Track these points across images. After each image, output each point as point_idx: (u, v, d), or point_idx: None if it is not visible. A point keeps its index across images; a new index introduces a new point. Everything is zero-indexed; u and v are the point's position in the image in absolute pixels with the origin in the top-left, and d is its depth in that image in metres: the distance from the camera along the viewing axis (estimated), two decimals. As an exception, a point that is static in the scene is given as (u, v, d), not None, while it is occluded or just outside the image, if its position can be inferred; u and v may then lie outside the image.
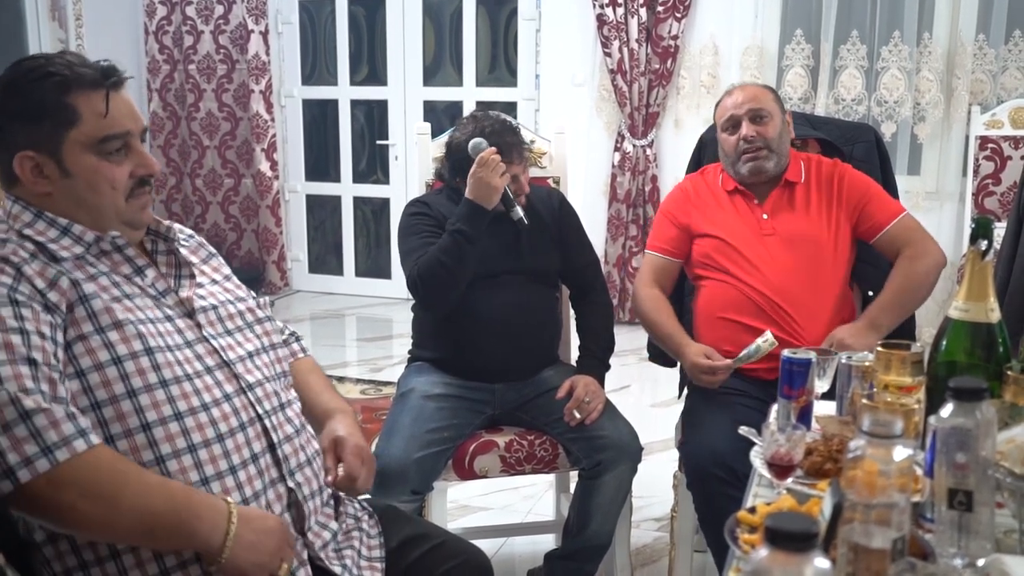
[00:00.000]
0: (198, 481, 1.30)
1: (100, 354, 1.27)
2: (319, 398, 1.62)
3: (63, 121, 1.31)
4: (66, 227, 1.34)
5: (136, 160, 1.37)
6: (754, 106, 2.26)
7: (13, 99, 1.32)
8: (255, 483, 1.36)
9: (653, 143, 5.02)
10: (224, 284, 1.53)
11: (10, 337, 1.20)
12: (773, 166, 2.27)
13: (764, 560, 0.75)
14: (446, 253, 2.12)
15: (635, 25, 4.83)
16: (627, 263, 5.10)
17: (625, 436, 2.16)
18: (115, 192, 1.36)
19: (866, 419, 1.01)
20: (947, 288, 4.50)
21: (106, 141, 1.33)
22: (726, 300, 2.23)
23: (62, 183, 1.33)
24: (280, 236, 5.89)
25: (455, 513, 2.87)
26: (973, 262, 1.37)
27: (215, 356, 1.39)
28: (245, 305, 1.51)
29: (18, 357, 1.19)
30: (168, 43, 5.80)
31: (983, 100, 4.40)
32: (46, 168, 1.33)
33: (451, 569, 1.54)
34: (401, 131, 5.71)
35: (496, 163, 2.13)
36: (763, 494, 1.39)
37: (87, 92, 1.33)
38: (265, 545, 1.29)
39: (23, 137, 1.32)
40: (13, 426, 1.16)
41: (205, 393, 1.34)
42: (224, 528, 1.26)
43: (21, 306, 1.23)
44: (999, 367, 1.35)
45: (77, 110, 1.32)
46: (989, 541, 1.09)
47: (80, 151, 1.33)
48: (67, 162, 1.33)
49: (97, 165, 1.34)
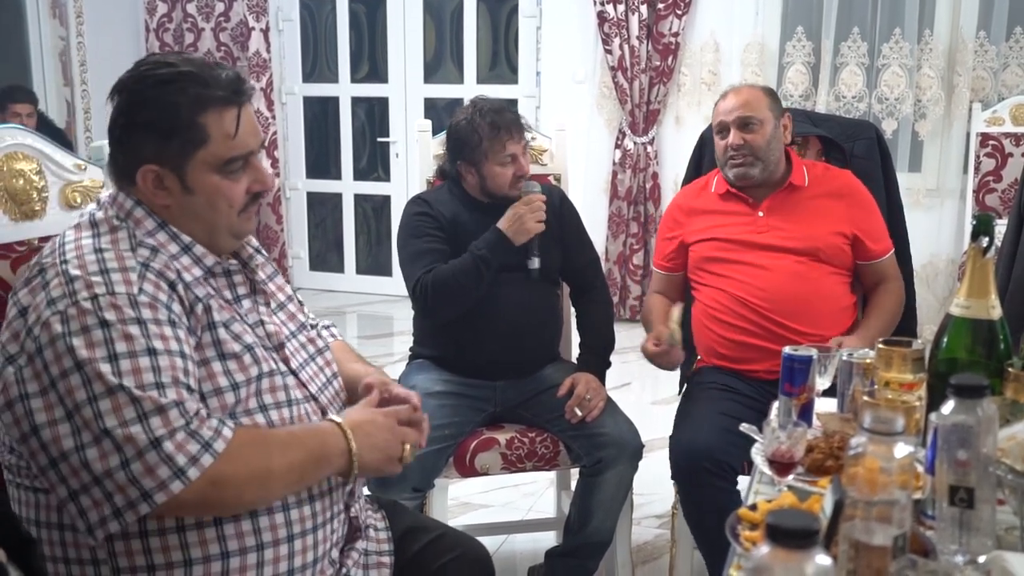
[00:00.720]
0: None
1: (220, 379, 1.29)
2: (350, 367, 1.63)
3: (193, 141, 1.30)
4: (188, 245, 1.34)
5: (253, 176, 1.37)
6: (743, 113, 2.26)
7: (145, 110, 1.30)
8: (326, 512, 1.38)
9: (654, 140, 5.01)
10: (288, 308, 1.52)
11: (174, 360, 1.22)
12: (759, 172, 2.27)
13: (765, 557, 0.75)
14: (465, 274, 2.14)
15: (636, 22, 4.82)
16: (628, 260, 5.10)
17: (626, 433, 2.16)
18: (231, 209, 1.36)
19: (867, 416, 1.01)
20: (948, 285, 4.51)
21: (231, 162, 1.33)
22: (719, 305, 2.25)
23: (183, 198, 1.33)
24: (281, 233, 5.89)
25: (456, 510, 2.87)
26: (974, 259, 1.37)
27: (303, 389, 1.41)
28: (306, 336, 1.52)
29: (179, 382, 1.22)
30: (169, 40, 5.79)
31: (984, 97, 4.39)
32: (167, 180, 1.31)
33: (450, 561, 1.55)
34: (402, 128, 5.71)
35: (539, 208, 2.18)
36: (764, 491, 1.39)
37: (219, 111, 1.31)
38: (383, 441, 1.38)
39: (150, 150, 1.30)
40: (178, 432, 1.19)
41: (299, 423, 1.37)
42: (345, 447, 1.33)
43: (176, 327, 1.26)
44: (1000, 364, 1.35)
45: (208, 131, 1.30)
46: (990, 538, 1.09)
47: (205, 171, 1.32)
48: (190, 179, 1.32)
49: (219, 184, 1.33)
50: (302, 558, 1.34)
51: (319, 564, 1.37)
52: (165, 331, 1.23)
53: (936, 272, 4.56)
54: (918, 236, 2.72)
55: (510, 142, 2.21)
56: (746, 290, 2.21)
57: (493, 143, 2.20)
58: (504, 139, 2.20)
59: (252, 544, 1.29)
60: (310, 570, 1.35)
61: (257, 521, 1.29)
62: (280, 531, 1.31)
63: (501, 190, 2.24)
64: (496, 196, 2.25)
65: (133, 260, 1.27)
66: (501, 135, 2.19)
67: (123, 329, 1.20)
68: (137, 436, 1.17)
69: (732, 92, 2.34)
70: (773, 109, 2.29)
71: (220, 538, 1.27)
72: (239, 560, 1.28)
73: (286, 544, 1.32)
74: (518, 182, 2.24)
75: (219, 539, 1.27)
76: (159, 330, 1.23)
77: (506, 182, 2.23)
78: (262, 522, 1.30)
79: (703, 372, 2.31)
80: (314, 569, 1.36)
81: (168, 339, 1.23)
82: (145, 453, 1.17)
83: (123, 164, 1.33)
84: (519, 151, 2.24)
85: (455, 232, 2.24)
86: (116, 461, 1.17)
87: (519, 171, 2.24)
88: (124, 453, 1.17)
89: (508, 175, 2.22)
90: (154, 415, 1.18)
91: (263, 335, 1.40)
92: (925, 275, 4.49)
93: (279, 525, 1.31)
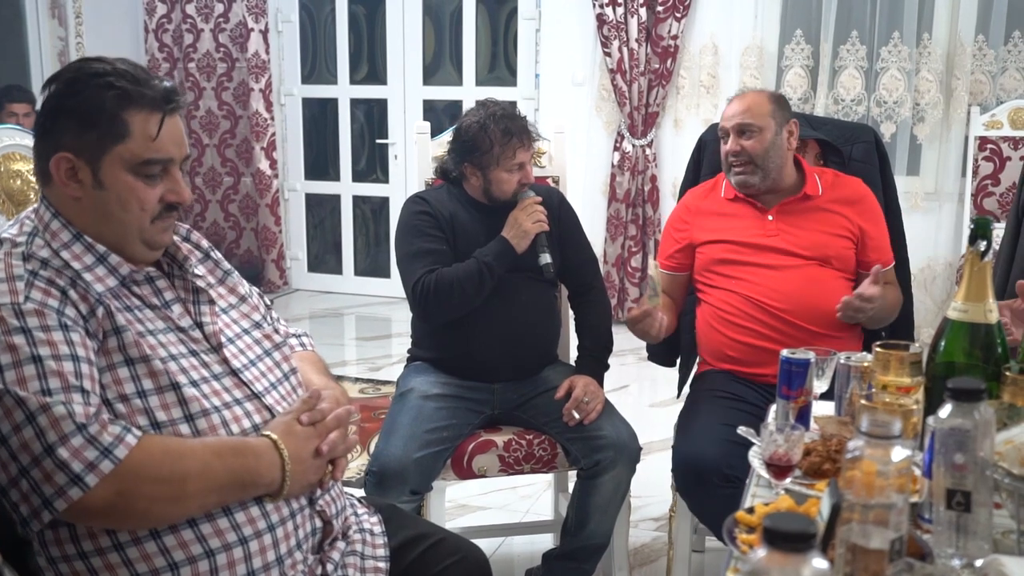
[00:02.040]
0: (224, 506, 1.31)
1: (127, 386, 1.28)
2: (308, 378, 1.60)
3: (112, 134, 1.30)
4: (103, 255, 1.33)
5: (169, 185, 1.36)
6: (743, 120, 2.26)
7: (70, 97, 1.31)
8: (282, 510, 1.36)
9: (653, 143, 5.01)
10: (240, 308, 1.52)
11: (62, 365, 1.21)
12: (760, 180, 2.27)
13: (762, 560, 0.75)
14: (469, 281, 2.15)
15: (635, 25, 4.83)
16: (626, 263, 5.10)
17: (624, 436, 2.16)
18: (143, 213, 1.34)
19: (865, 419, 1.01)
20: (946, 289, 4.51)
21: (148, 164, 1.33)
22: (730, 307, 2.24)
23: (93, 193, 1.32)
24: (279, 235, 5.89)
25: (453, 512, 2.87)
26: (972, 263, 1.37)
27: (244, 389, 1.40)
28: (261, 332, 1.51)
29: (71, 386, 1.21)
30: (168, 41, 5.79)
31: (982, 101, 4.40)
32: (81, 173, 1.31)
33: (449, 566, 1.55)
34: (401, 130, 5.71)
35: (533, 209, 2.19)
36: (761, 494, 1.39)
37: (144, 112, 1.31)
38: (311, 461, 1.37)
39: (68, 138, 1.30)
40: (71, 437, 1.18)
41: (234, 424, 1.35)
42: (279, 462, 1.32)
43: (70, 330, 1.24)
44: (997, 368, 1.35)
45: (129, 127, 1.30)
46: (987, 541, 1.09)
47: (119, 167, 1.31)
48: (103, 174, 1.31)
49: (132, 184, 1.33)
50: (261, 559, 1.32)
51: (284, 563, 1.35)
52: (54, 336, 1.22)
53: (934, 275, 4.57)
54: (916, 239, 2.72)
55: (520, 150, 2.22)
56: (760, 292, 2.20)
57: (504, 150, 2.21)
58: (515, 146, 2.21)
59: (200, 551, 1.27)
60: (275, 569, 1.33)
61: (199, 528, 1.28)
62: (228, 535, 1.29)
63: (504, 196, 2.25)
64: (497, 201, 2.25)
65: (21, 269, 1.27)
66: (512, 142, 2.20)
67: (6, 340, 1.20)
68: (31, 443, 1.17)
69: (737, 98, 2.34)
70: (776, 116, 2.27)
71: (163, 551, 1.25)
72: (190, 569, 1.26)
73: (240, 547, 1.30)
74: (521, 189, 2.25)
75: (162, 552, 1.25)
76: (46, 336, 1.22)
77: (511, 189, 2.24)
78: (204, 529, 1.28)
79: (706, 377, 2.30)
80: (280, 567, 1.34)
81: (56, 344, 1.22)
82: (41, 460, 1.17)
83: (41, 152, 1.33)
84: (527, 159, 2.25)
85: (454, 232, 2.25)
86: (15, 470, 1.18)
87: (524, 179, 2.25)
88: (20, 461, 1.18)
89: (514, 182, 2.24)
90: (41, 416, 1.18)
91: (199, 337, 1.39)
92: (923, 278, 4.49)
93: (225, 530, 1.29)
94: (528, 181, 2.26)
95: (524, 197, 2.24)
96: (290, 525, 1.36)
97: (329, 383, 1.59)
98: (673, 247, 2.40)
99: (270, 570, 1.33)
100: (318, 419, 1.40)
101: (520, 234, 2.19)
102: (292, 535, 1.37)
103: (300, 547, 1.38)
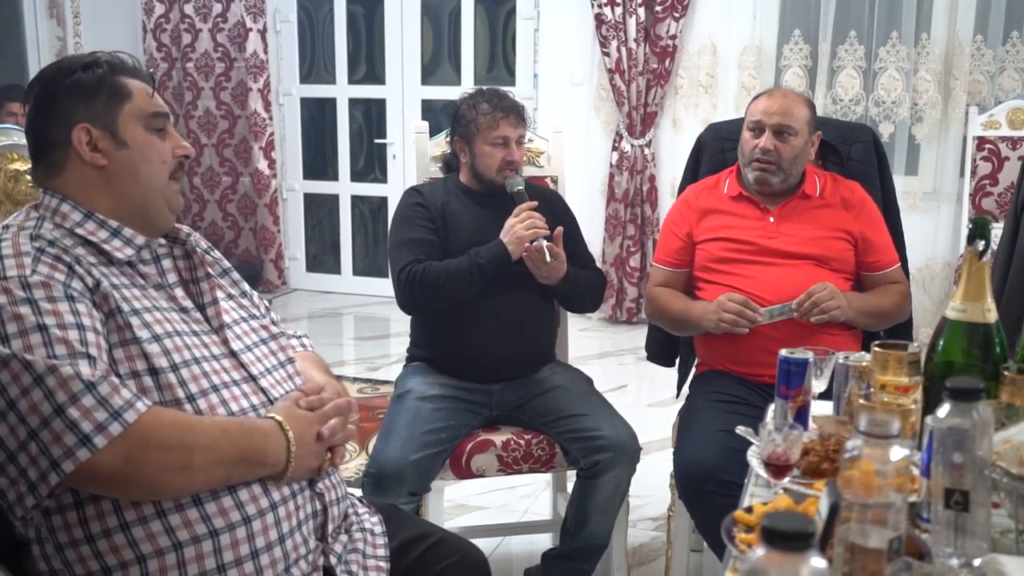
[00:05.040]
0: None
1: (134, 363, 1.29)
2: (309, 374, 1.61)
3: (118, 96, 1.39)
4: (116, 229, 1.38)
5: (175, 142, 1.45)
6: (783, 121, 2.23)
7: (68, 78, 1.39)
8: (283, 490, 1.37)
9: (651, 143, 5.01)
10: (239, 300, 1.56)
11: (67, 333, 1.23)
12: (779, 183, 2.27)
13: (761, 560, 0.74)
14: (458, 276, 2.16)
15: (633, 25, 4.83)
16: (625, 263, 5.10)
17: (624, 436, 2.16)
18: (164, 166, 1.42)
19: (863, 419, 1.01)
20: (944, 288, 4.51)
21: (155, 117, 1.42)
22: None
23: (119, 154, 1.38)
24: (278, 235, 5.89)
25: (452, 512, 2.87)
26: (970, 263, 1.37)
27: (241, 371, 1.41)
28: (259, 323, 1.54)
29: (77, 352, 1.22)
30: (166, 41, 5.79)
31: (981, 101, 4.40)
32: (101, 142, 1.38)
33: (449, 566, 1.55)
34: (399, 130, 5.70)
35: (526, 216, 2.19)
36: (760, 494, 1.39)
37: (135, 79, 1.42)
38: (313, 445, 1.39)
39: (80, 111, 1.37)
40: (81, 396, 1.19)
41: (232, 403, 1.36)
42: (284, 443, 1.34)
43: (76, 301, 1.26)
44: (996, 367, 1.35)
45: (129, 88, 1.40)
46: (985, 541, 1.09)
47: (134, 123, 1.40)
48: (122, 132, 1.39)
49: (149, 138, 1.41)
50: (264, 538, 1.33)
51: (286, 542, 1.35)
52: (60, 307, 1.25)
53: (932, 275, 4.57)
54: (914, 239, 2.72)
55: (504, 122, 2.24)
56: (760, 291, 2.19)
57: (488, 119, 2.24)
58: (499, 118, 2.23)
59: (204, 531, 1.28)
60: (278, 548, 1.34)
61: (203, 508, 1.28)
62: (232, 514, 1.30)
63: (488, 172, 2.26)
64: (484, 180, 2.28)
65: (28, 246, 1.29)
66: (496, 114, 2.24)
67: (12, 310, 1.23)
68: (40, 404, 1.18)
69: (779, 93, 2.32)
70: (809, 124, 2.27)
71: (167, 530, 1.26)
72: (194, 549, 1.27)
73: (243, 526, 1.31)
74: (506, 168, 2.25)
75: (167, 531, 1.26)
76: (52, 307, 1.24)
77: (494, 164, 2.25)
78: (209, 508, 1.29)
79: (706, 377, 2.30)
80: (283, 547, 1.35)
81: (62, 314, 1.24)
82: (51, 421, 1.18)
83: (53, 137, 1.38)
84: (513, 136, 2.26)
85: (444, 221, 2.27)
86: (24, 433, 1.19)
87: (509, 156, 2.26)
88: (29, 424, 1.18)
89: (497, 157, 2.25)
90: (49, 378, 1.19)
91: (200, 319, 1.42)
92: (921, 278, 4.49)
93: (229, 508, 1.30)
94: (513, 159, 2.27)
95: (514, 186, 2.24)
96: (291, 504, 1.37)
97: (330, 380, 1.60)
98: (674, 244, 2.38)
99: (272, 549, 1.33)
100: (318, 406, 1.43)
101: (513, 240, 2.19)
102: (293, 515, 1.37)
103: (301, 528, 1.39)
